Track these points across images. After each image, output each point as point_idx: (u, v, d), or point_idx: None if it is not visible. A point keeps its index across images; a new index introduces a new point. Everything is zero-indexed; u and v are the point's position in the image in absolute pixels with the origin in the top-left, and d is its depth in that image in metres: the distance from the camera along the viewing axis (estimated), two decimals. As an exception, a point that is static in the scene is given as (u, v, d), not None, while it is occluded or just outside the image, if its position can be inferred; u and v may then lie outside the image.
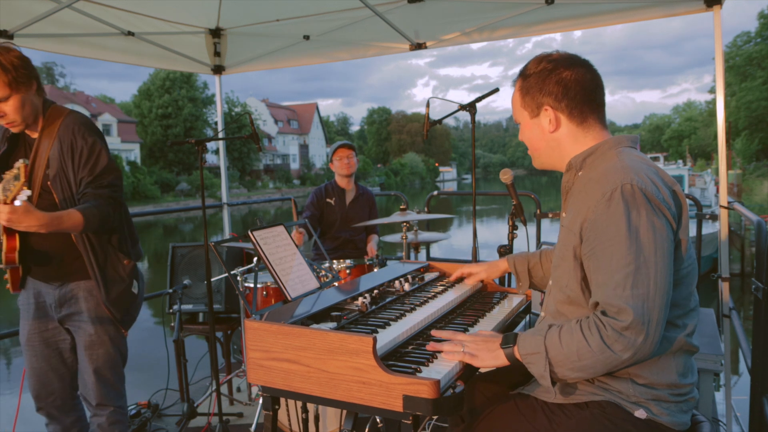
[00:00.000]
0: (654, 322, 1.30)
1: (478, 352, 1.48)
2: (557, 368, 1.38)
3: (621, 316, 1.30)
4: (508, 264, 2.05)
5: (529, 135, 1.63)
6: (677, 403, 1.43)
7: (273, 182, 56.89)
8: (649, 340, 1.30)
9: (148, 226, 31.87)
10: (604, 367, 1.34)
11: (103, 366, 2.30)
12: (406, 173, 75.10)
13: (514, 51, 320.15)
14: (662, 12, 3.48)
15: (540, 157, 1.64)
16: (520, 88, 1.60)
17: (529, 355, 1.41)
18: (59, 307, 2.27)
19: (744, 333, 3.10)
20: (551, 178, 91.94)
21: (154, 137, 46.69)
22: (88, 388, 2.31)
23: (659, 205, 1.34)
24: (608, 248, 1.34)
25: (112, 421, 2.35)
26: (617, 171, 1.39)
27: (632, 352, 1.30)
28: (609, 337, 1.31)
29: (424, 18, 3.95)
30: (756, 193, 26.89)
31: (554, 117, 1.54)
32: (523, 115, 1.62)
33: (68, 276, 2.25)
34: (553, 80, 1.52)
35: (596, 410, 1.42)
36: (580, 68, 1.53)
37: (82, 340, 2.28)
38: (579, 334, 1.35)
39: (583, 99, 1.52)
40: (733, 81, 38.36)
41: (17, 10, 3.30)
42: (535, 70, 1.56)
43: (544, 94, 1.54)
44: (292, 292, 1.89)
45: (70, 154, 2.16)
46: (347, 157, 4.15)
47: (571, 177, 1.57)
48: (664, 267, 1.31)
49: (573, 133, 1.55)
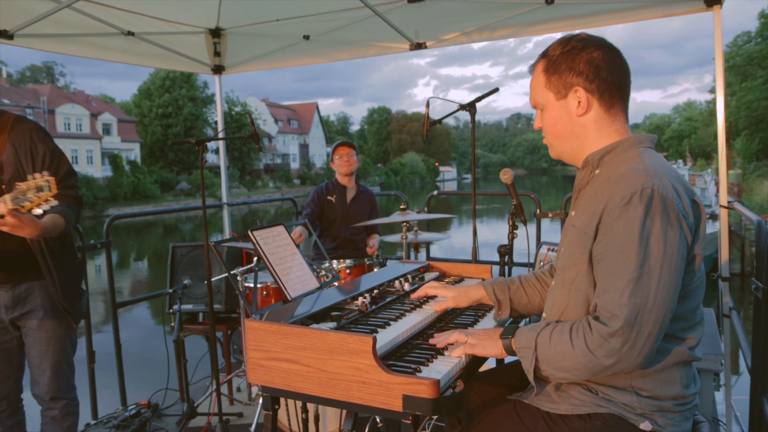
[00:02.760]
0: (645, 333, 1.27)
1: (480, 341, 1.50)
2: (543, 366, 1.38)
3: (611, 322, 1.28)
4: (485, 291, 1.84)
5: (552, 119, 1.51)
6: (681, 413, 1.41)
7: (273, 182, 56.90)
8: (636, 350, 1.27)
9: (148, 226, 31.88)
10: (587, 370, 1.32)
11: (60, 360, 2.35)
12: (406, 173, 75.09)
13: (515, 51, 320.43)
14: (662, 12, 3.48)
15: (561, 144, 1.54)
16: (546, 68, 1.49)
17: (522, 349, 1.42)
18: (12, 309, 2.27)
19: (744, 333, 3.09)
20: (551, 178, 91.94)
21: (155, 137, 46.72)
22: (43, 383, 2.34)
23: (678, 215, 1.29)
24: (618, 254, 1.30)
25: (66, 413, 2.39)
26: (639, 173, 1.32)
27: (615, 360, 1.28)
28: (593, 342, 1.30)
29: (424, 18, 3.95)
30: (756, 193, 26.87)
31: (585, 99, 1.45)
32: (548, 96, 1.50)
33: (21, 277, 2.26)
34: (584, 59, 1.43)
35: (598, 422, 1.39)
36: (609, 50, 1.45)
37: (38, 337, 2.31)
38: (566, 336, 1.35)
39: (613, 81, 1.44)
40: (734, 81, 38.35)
41: (17, 10, 3.30)
42: (563, 49, 1.46)
43: (574, 74, 1.44)
44: (292, 292, 1.89)
45: (29, 158, 2.19)
46: (347, 155, 4.19)
47: (586, 175, 1.50)
48: (668, 280, 1.27)
49: (600, 119, 1.46)
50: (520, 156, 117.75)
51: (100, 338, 4.05)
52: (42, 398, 2.37)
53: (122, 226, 30.63)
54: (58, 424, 2.38)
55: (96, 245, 3.55)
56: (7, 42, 3.39)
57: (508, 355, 1.48)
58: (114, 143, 44.24)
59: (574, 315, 1.46)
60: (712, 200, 18.99)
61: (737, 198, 21.71)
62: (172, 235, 29.75)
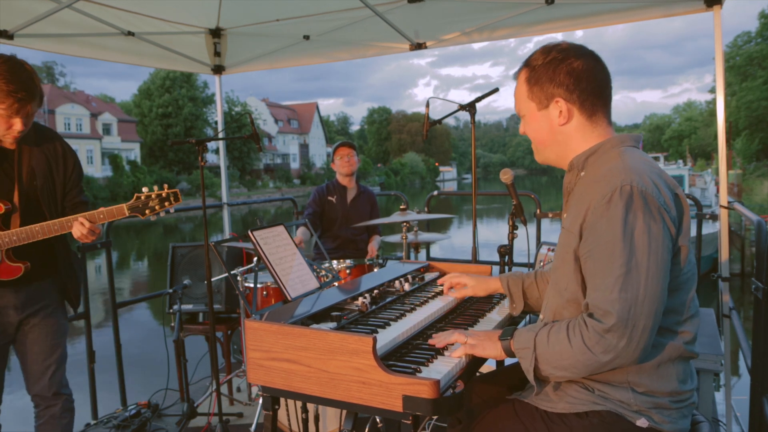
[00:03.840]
0: (639, 327, 1.28)
1: (479, 342, 1.51)
2: (542, 365, 1.39)
3: (605, 318, 1.30)
4: (501, 283, 1.95)
5: (535, 128, 1.56)
6: (678, 410, 1.42)
7: (273, 182, 56.89)
8: (633, 345, 1.29)
9: (148, 226, 31.83)
10: (585, 367, 1.34)
11: (62, 354, 2.40)
12: (406, 173, 75.08)
13: (516, 51, 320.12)
14: (662, 12, 3.48)
15: (544, 151, 1.58)
16: (527, 79, 1.52)
17: (521, 350, 1.43)
18: (22, 309, 2.29)
19: (744, 333, 3.09)
20: (551, 178, 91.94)
21: (155, 136, 46.72)
22: (44, 380, 2.35)
23: (659, 209, 1.31)
24: (604, 251, 1.32)
25: (66, 408, 2.42)
26: (618, 172, 1.35)
27: (612, 356, 1.30)
28: (590, 339, 1.31)
29: (424, 18, 3.95)
30: (756, 193, 26.85)
31: (566, 109, 1.48)
32: (529, 107, 1.54)
33: (34, 276, 2.29)
34: (564, 70, 1.46)
35: (596, 419, 1.40)
36: (590, 59, 1.47)
37: (45, 332, 2.34)
38: (564, 334, 1.36)
39: (593, 91, 1.47)
40: (734, 81, 38.33)
41: (17, 10, 3.30)
42: (543, 60, 1.49)
43: (555, 85, 1.47)
44: (292, 292, 1.89)
45: (61, 168, 2.31)
46: (348, 155, 4.20)
47: (573, 177, 1.54)
48: (656, 273, 1.29)
49: (582, 127, 1.50)
50: (520, 156, 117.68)
51: (100, 338, 4.04)
52: (44, 396, 2.36)
53: (122, 226, 30.62)
54: (57, 422, 2.38)
55: (96, 245, 3.55)
56: (7, 42, 3.39)
57: (508, 357, 1.49)
58: (114, 143, 44.25)
59: (567, 315, 1.48)
60: (712, 200, 18.97)
61: (737, 198, 21.70)
62: (172, 235, 29.74)
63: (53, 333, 2.36)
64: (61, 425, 2.40)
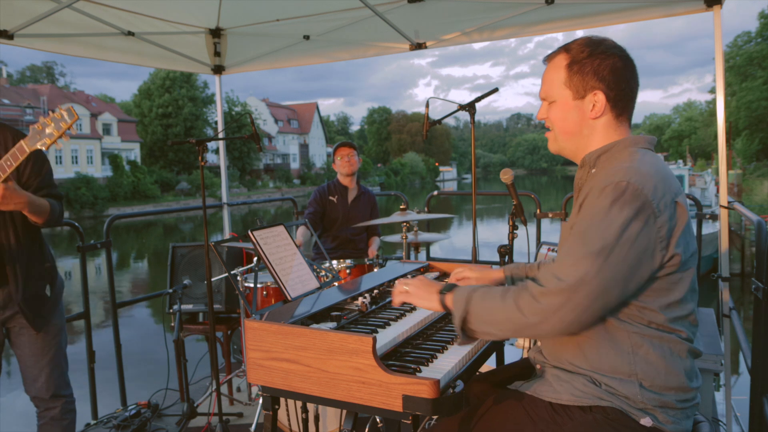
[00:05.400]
0: (575, 302, 1.29)
1: (417, 291, 1.57)
2: (471, 318, 1.43)
3: (548, 283, 1.33)
4: (504, 274, 1.97)
5: (563, 117, 1.54)
6: (683, 410, 1.42)
7: (273, 182, 56.91)
8: (561, 314, 1.30)
9: (148, 226, 31.89)
10: (512, 326, 1.37)
11: (57, 355, 2.37)
12: (406, 173, 75.08)
13: (516, 51, 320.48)
14: (662, 12, 3.48)
15: (566, 141, 1.57)
16: (569, 65, 1.51)
17: (456, 302, 1.47)
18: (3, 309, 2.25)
19: (744, 333, 3.09)
20: (551, 178, 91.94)
21: (155, 136, 46.71)
22: (41, 382, 2.33)
23: (650, 210, 1.31)
24: (578, 231, 1.36)
25: (66, 410, 2.40)
26: (621, 170, 1.36)
27: (539, 318, 1.32)
28: (523, 299, 1.35)
29: (424, 18, 3.95)
30: (756, 193, 26.84)
31: (602, 104, 1.48)
32: (564, 94, 1.52)
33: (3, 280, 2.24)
34: (608, 66, 1.47)
35: (600, 415, 1.40)
36: (630, 62, 1.50)
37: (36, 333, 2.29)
38: (498, 294, 1.41)
39: (627, 93, 1.50)
40: (734, 81, 38.34)
41: (17, 10, 3.30)
42: (590, 51, 1.49)
43: (598, 79, 1.47)
44: (292, 292, 1.89)
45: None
46: (348, 155, 4.20)
47: (584, 174, 1.55)
48: (618, 264, 1.30)
49: (608, 125, 1.51)
50: (520, 156, 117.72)
51: (100, 338, 4.05)
52: (41, 398, 2.35)
53: (122, 226, 30.65)
54: (57, 423, 2.37)
55: (96, 245, 3.55)
56: (7, 42, 3.39)
57: (443, 310, 1.54)
58: (114, 143, 44.24)
59: None
60: (712, 200, 18.99)
61: (737, 198, 21.70)
62: (172, 235, 29.75)
63: (43, 334, 2.31)
64: (62, 426, 2.39)
